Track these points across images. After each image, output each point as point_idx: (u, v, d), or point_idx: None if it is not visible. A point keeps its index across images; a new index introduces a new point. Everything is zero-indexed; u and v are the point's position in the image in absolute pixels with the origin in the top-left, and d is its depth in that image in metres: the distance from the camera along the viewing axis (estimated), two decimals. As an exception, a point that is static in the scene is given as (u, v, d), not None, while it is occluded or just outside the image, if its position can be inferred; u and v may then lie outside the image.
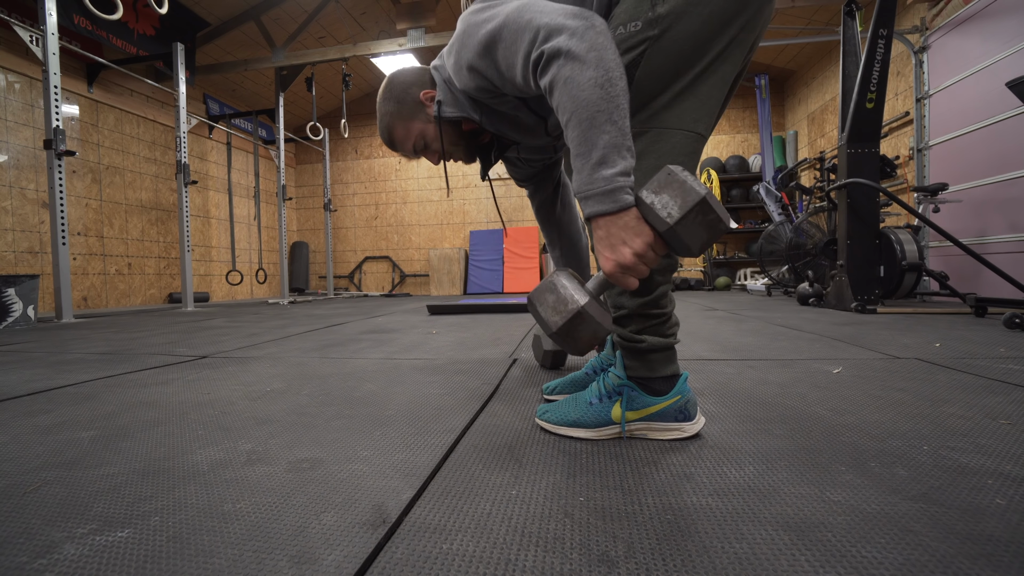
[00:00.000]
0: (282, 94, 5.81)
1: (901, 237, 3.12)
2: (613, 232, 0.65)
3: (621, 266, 0.65)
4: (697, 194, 0.60)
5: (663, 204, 0.62)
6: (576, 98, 0.65)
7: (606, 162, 0.64)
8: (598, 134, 0.64)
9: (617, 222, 0.65)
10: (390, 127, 1.00)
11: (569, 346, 0.67)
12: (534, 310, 0.69)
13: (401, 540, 0.51)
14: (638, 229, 0.64)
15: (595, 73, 0.64)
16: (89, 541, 0.51)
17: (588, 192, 0.66)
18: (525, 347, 1.81)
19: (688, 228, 0.62)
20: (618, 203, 0.64)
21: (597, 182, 0.65)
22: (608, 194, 0.64)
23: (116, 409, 1.04)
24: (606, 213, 0.65)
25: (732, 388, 1.13)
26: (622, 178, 0.64)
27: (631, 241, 0.64)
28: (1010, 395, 1.02)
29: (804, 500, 0.58)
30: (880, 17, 2.90)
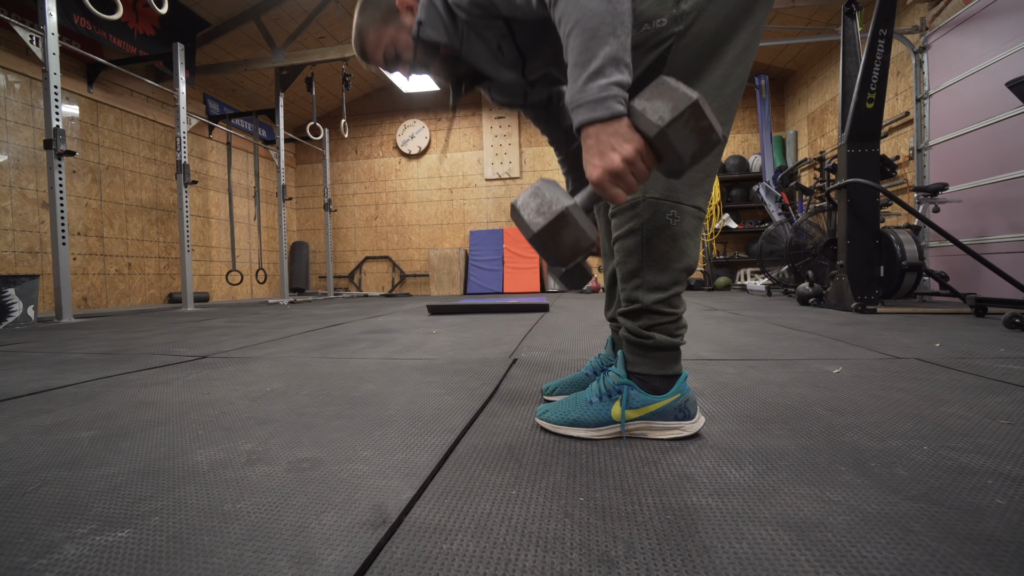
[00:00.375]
0: (282, 94, 5.80)
1: (901, 237, 3.12)
2: (603, 139, 0.64)
3: (609, 173, 0.63)
4: (689, 97, 0.59)
5: (654, 109, 0.61)
6: (583, 8, 0.64)
7: (602, 73, 0.63)
8: (599, 45, 0.63)
9: (607, 129, 0.64)
10: (362, 31, 0.94)
11: (551, 254, 0.66)
12: (517, 216, 0.67)
13: (401, 540, 0.51)
14: (628, 136, 0.63)
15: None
16: (89, 541, 0.51)
17: (580, 100, 0.65)
18: (525, 347, 1.81)
19: (679, 133, 0.60)
20: (609, 110, 0.63)
21: (590, 91, 0.64)
22: (600, 102, 0.63)
23: (116, 409, 1.04)
24: (596, 120, 0.64)
25: (732, 388, 1.13)
26: (616, 88, 0.63)
27: (620, 147, 0.63)
28: (1010, 395, 1.02)
29: (804, 500, 0.58)
30: (880, 17, 2.90)
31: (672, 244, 0.77)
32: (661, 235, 0.76)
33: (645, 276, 0.78)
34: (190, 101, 6.01)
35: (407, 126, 7.86)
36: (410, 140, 7.86)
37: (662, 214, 0.76)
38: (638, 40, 0.73)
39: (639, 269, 0.78)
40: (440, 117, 7.84)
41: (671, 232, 0.76)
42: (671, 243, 0.77)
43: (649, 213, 0.76)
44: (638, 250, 0.78)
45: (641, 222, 0.76)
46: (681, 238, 0.77)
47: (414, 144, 7.84)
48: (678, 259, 0.77)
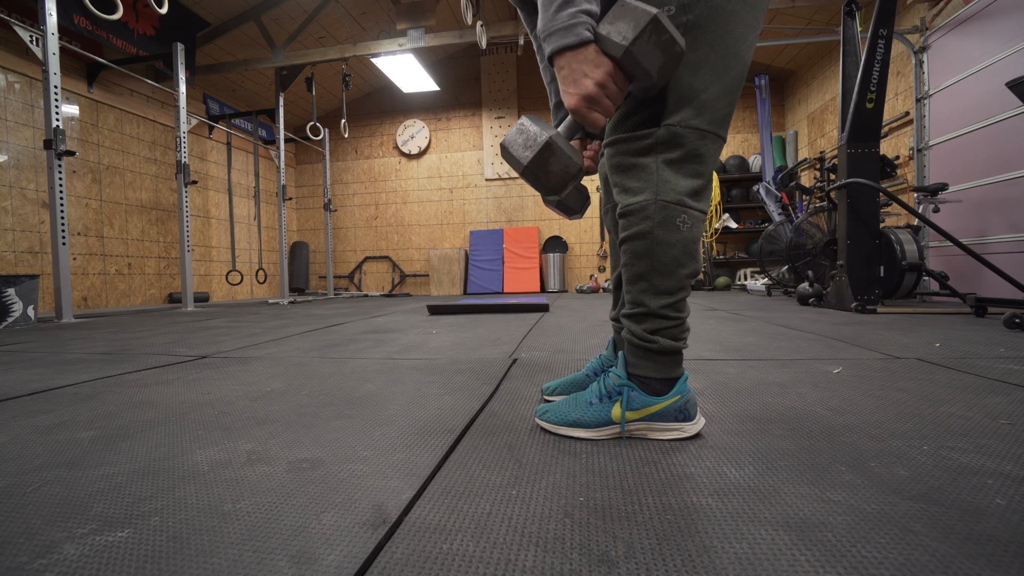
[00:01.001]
0: (282, 94, 5.80)
1: (901, 237, 3.12)
2: (574, 67, 0.67)
3: (585, 99, 0.67)
4: (648, 13, 0.62)
5: (617, 31, 0.64)
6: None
7: (572, 2, 0.66)
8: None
9: (577, 57, 0.67)
10: None
11: (542, 183, 0.69)
12: (507, 153, 0.70)
13: (401, 540, 0.51)
14: (597, 61, 0.66)
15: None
16: (89, 541, 0.51)
17: (551, 28, 0.67)
18: (525, 347, 1.81)
19: (643, 49, 0.64)
20: (578, 36, 0.66)
21: (561, 19, 0.66)
22: (568, 29, 0.66)
23: (116, 409, 1.04)
24: (566, 48, 0.67)
25: (732, 388, 1.13)
26: (584, 16, 0.66)
27: (592, 72, 0.66)
28: (1010, 395, 1.02)
29: (804, 500, 0.58)
30: (880, 17, 2.90)
31: (681, 249, 0.76)
32: (671, 239, 0.76)
33: (652, 280, 0.77)
34: (190, 101, 6.01)
35: (407, 126, 7.86)
36: (410, 140, 7.86)
37: (672, 218, 0.75)
38: None
39: (647, 273, 0.78)
40: (440, 117, 7.84)
41: (681, 236, 0.76)
42: (680, 248, 0.76)
43: (660, 216, 0.75)
44: (647, 253, 0.77)
45: (651, 225, 0.76)
46: (690, 243, 0.77)
47: (414, 144, 7.84)
48: (686, 264, 0.77)
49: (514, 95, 7.41)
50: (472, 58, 7.58)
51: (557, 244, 7.34)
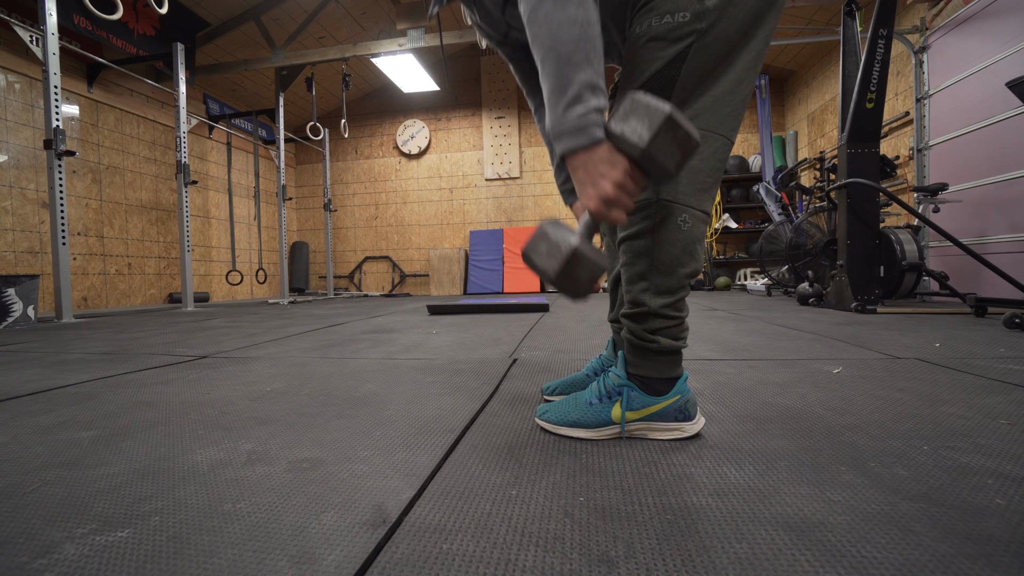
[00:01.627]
0: (282, 94, 5.80)
1: (901, 237, 3.12)
2: (589, 167, 0.66)
3: (604, 200, 0.65)
4: (662, 112, 0.61)
5: (632, 130, 0.63)
6: (556, 35, 0.64)
7: (580, 99, 0.64)
8: (574, 72, 0.64)
9: (592, 157, 0.65)
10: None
11: (571, 290, 0.68)
12: (530, 262, 0.70)
13: (401, 540, 0.51)
14: (612, 160, 0.65)
15: (576, 13, 0.64)
16: (89, 541, 0.51)
17: (561, 129, 0.66)
18: (525, 347, 1.81)
19: (660, 148, 0.62)
20: (590, 137, 0.65)
21: (571, 119, 0.65)
22: (580, 130, 0.65)
23: (116, 409, 1.04)
24: (579, 148, 0.66)
25: (732, 388, 1.13)
26: (595, 115, 0.65)
27: (608, 173, 0.65)
28: (1010, 395, 1.02)
29: (804, 500, 0.58)
30: (880, 17, 2.90)
31: (682, 248, 0.76)
32: (672, 238, 0.75)
33: (653, 279, 0.77)
34: (190, 101, 6.01)
35: (407, 126, 7.86)
36: (410, 140, 7.86)
37: (674, 217, 0.75)
38: (659, 32, 0.71)
39: (647, 272, 0.77)
40: (440, 117, 7.84)
41: (682, 236, 0.75)
42: (681, 247, 0.76)
43: (661, 216, 0.75)
44: (647, 253, 0.76)
45: (652, 224, 0.75)
46: (691, 242, 0.76)
47: (414, 144, 7.84)
48: (687, 263, 0.77)
49: (514, 95, 7.41)
50: (472, 58, 7.58)
51: (557, 244, 7.32)
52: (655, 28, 0.72)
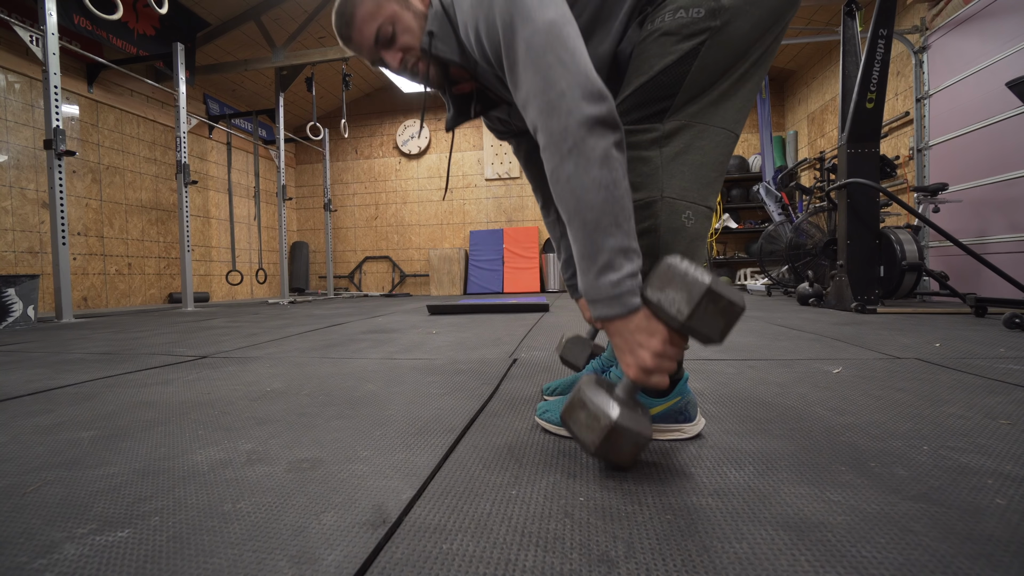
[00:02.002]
0: (282, 94, 5.80)
1: (901, 237, 3.12)
2: (627, 336, 0.65)
3: (644, 370, 0.64)
4: (701, 285, 0.58)
5: (670, 301, 0.60)
6: (580, 199, 0.63)
7: (612, 266, 0.63)
8: (604, 238, 0.63)
9: (628, 325, 0.64)
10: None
11: (613, 460, 0.65)
12: (569, 429, 0.67)
13: (401, 540, 0.51)
14: (651, 329, 0.63)
15: (600, 175, 0.62)
16: (89, 541, 0.51)
17: (595, 297, 0.65)
18: (525, 347, 1.81)
19: (702, 319, 0.59)
20: (626, 307, 0.64)
21: (604, 287, 0.64)
22: (616, 299, 0.64)
23: (116, 409, 1.04)
24: (615, 317, 0.65)
25: (732, 388, 1.13)
26: (628, 281, 0.63)
27: (647, 343, 0.63)
28: (1010, 395, 1.02)
29: (804, 500, 0.58)
30: (880, 17, 2.90)
31: (687, 246, 0.75)
32: (677, 237, 0.74)
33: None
34: (190, 101, 6.01)
35: (407, 126, 7.86)
36: (410, 140, 7.86)
37: (678, 215, 0.73)
38: (672, 27, 0.70)
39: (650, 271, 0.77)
40: (440, 117, 7.84)
41: (687, 233, 0.74)
42: (686, 245, 0.74)
43: (665, 214, 0.73)
44: (652, 252, 0.75)
45: (657, 223, 0.73)
46: (695, 240, 0.75)
47: (414, 144, 7.84)
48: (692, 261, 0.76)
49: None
50: (472, 58, 7.57)
51: (557, 244, 7.33)
52: (668, 23, 0.71)
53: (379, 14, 0.80)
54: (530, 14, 0.65)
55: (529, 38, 0.64)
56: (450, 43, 0.79)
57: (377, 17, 0.80)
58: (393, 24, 0.80)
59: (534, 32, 0.64)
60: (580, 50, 0.65)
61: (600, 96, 0.63)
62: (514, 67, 0.67)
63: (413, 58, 0.82)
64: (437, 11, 0.79)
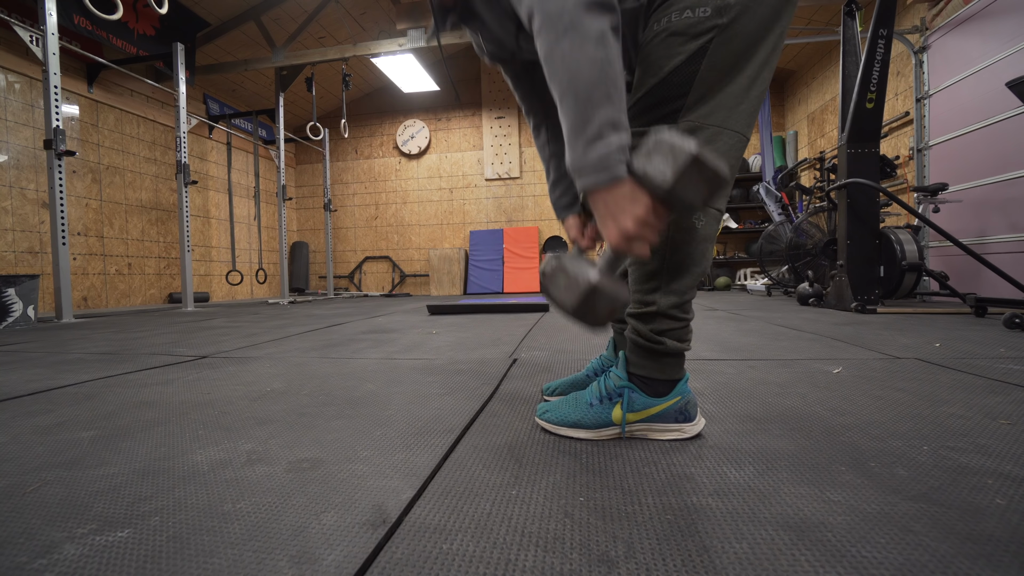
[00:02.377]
0: (282, 94, 5.80)
1: (901, 237, 3.12)
2: (611, 204, 0.65)
3: (626, 236, 0.64)
4: (687, 153, 0.59)
5: (656, 169, 0.61)
6: (574, 76, 0.63)
7: (601, 136, 0.63)
8: (594, 110, 0.63)
9: (614, 193, 0.64)
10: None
11: (589, 321, 0.67)
12: (548, 295, 0.69)
13: (401, 540, 0.51)
14: (634, 196, 0.64)
15: (595, 52, 0.62)
16: (89, 541, 0.51)
17: (583, 166, 0.65)
18: (525, 347, 1.81)
19: (685, 187, 0.61)
20: (612, 174, 0.64)
21: (592, 157, 0.64)
22: (603, 167, 0.64)
23: (116, 409, 1.04)
24: (601, 186, 0.64)
25: (732, 388, 1.13)
26: (617, 152, 0.64)
27: (631, 208, 0.64)
28: (1010, 395, 1.02)
29: (804, 500, 0.58)
30: (880, 17, 2.90)
31: (696, 247, 0.75)
32: (686, 237, 0.74)
33: (664, 279, 0.76)
34: (190, 101, 6.01)
35: (407, 126, 7.86)
36: (410, 140, 7.86)
37: (690, 215, 0.74)
38: (679, 27, 0.71)
39: (658, 271, 0.76)
40: (440, 117, 7.84)
41: (696, 234, 0.74)
42: (695, 246, 0.75)
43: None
44: (660, 251, 0.75)
45: (668, 223, 0.73)
46: (704, 241, 0.75)
47: (414, 144, 7.84)
48: (699, 262, 0.76)
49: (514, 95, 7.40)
50: (472, 58, 7.58)
51: (557, 244, 7.34)
52: (675, 23, 0.71)
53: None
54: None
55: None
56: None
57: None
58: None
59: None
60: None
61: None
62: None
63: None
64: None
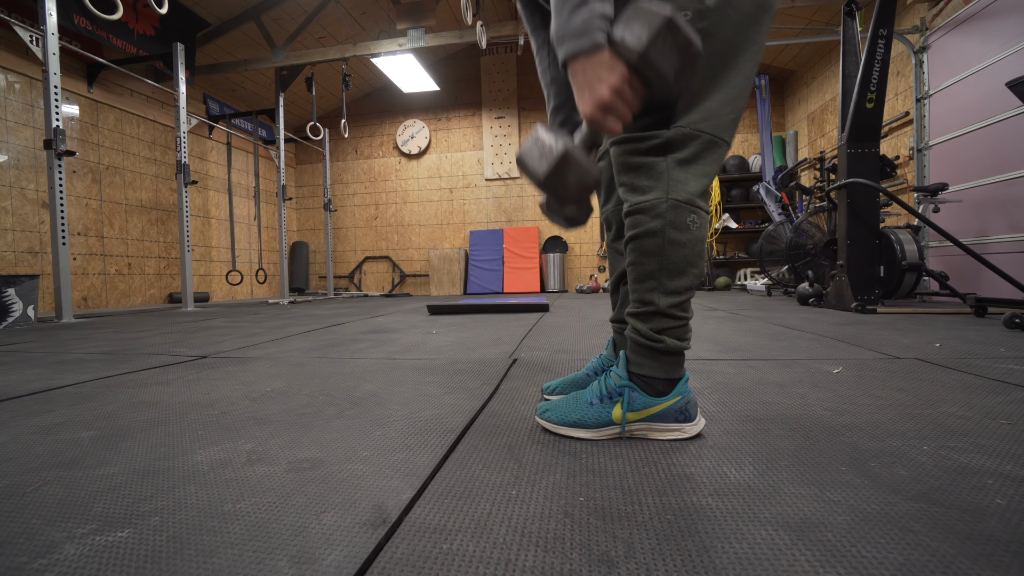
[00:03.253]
0: (282, 94, 5.80)
1: (901, 237, 3.12)
2: (588, 72, 0.65)
3: (600, 105, 0.65)
4: (661, 15, 0.60)
5: (632, 33, 0.62)
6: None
7: (585, 3, 0.64)
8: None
9: (592, 61, 0.65)
10: None
11: (559, 195, 0.68)
12: (523, 166, 0.69)
13: (401, 540, 0.51)
14: (612, 65, 0.64)
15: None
16: (89, 541, 0.51)
17: (564, 33, 0.66)
18: (525, 347, 1.81)
19: (659, 52, 0.61)
20: (592, 41, 0.64)
21: (574, 22, 0.65)
22: (583, 33, 0.64)
23: (116, 409, 1.04)
24: (580, 52, 0.65)
25: (732, 388, 1.13)
26: (598, 20, 0.65)
27: (606, 77, 0.64)
28: (1010, 395, 1.02)
29: (804, 500, 0.58)
30: (880, 17, 2.90)
31: (691, 248, 0.77)
32: (682, 238, 0.76)
33: (662, 279, 0.77)
34: (190, 101, 6.01)
35: (407, 126, 7.86)
36: (410, 140, 7.86)
37: (683, 217, 0.75)
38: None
39: (656, 271, 0.78)
40: (440, 117, 7.84)
41: (691, 236, 0.76)
42: (690, 247, 0.77)
43: (671, 215, 0.75)
44: (657, 252, 0.76)
45: (663, 224, 0.75)
46: (698, 243, 0.77)
47: (414, 144, 7.84)
48: (695, 263, 0.78)
49: (514, 95, 7.41)
50: (472, 58, 7.58)
51: (557, 244, 7.34)
52: None
53: None
54: None
55: None
56: None
57: None
58: None
59: None
60: None
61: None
62: None
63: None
64: None
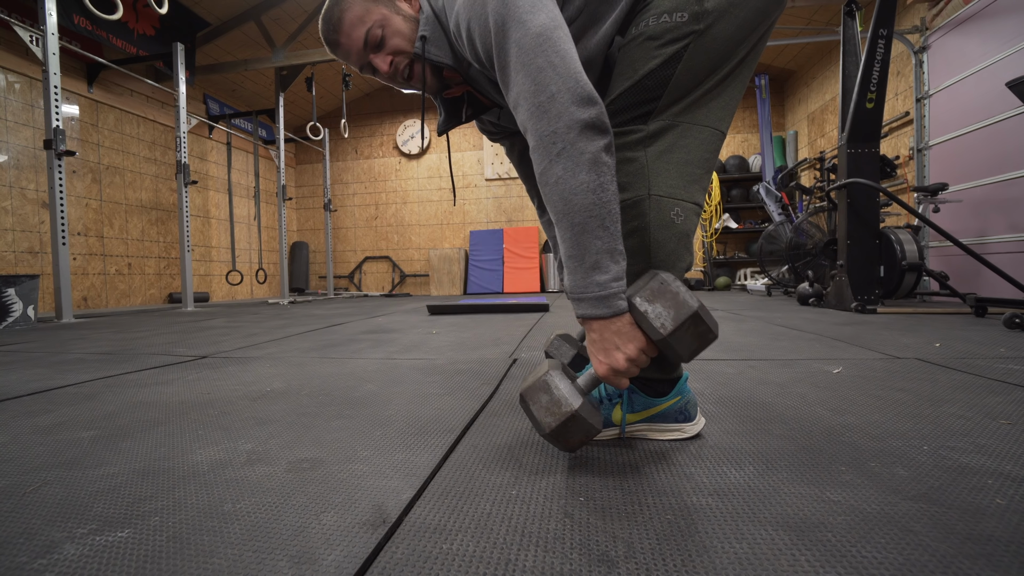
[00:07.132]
0: (282, 94, 5.80)
1: (901, 237, 3.12)
2: (606, 336, 0.66)
3: (614, 370, 0.66)
4: (690, 308, 0.62)
5: (656, 314, 0.63)
6: (568, 202, 0.64)
7: (599, 267, 0.64)
8: (591, 239, 0.64)
9: (610, 327, 0.66)
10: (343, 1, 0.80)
11: (560, 445, 0.68)
12: (526, 407, 0.68)
13: (401, 540, 0.51)
14: (631, 335, 0.65)
15: (588, 178, 0.63)
16: (89, 541, 0.51)
17: (582, 296, 0.66)
18: (525, 347, 1.81)
19: (681, 339, 0.63)
20: (612, 308, 0.65)
21: (591, 287, 0.65)
22: (602, 300, 0.65)
23: (116, 409, 1.04)
24: (600, 317, 0.66)
25: (732, 388, 1.13)
26: (615, 284, 0.65)
27: (624, 346, 0.65)
28: (1010, 395, 1.02)
29: (804, 500, 0.58)
30: (880, 17, 2.90)
31: (677, 243, 0.75)
32: (667, 234, 0.74)
33: None
34: (190, 101, 6.01)
35: (407, 126, 7.87)
36: (410, 140, 7.86)
37: (667, 212, 0.73)
38: (656, 31, 0.71)
39: (644, 272, 0.76)
40: (440, 117, 7.83)
41: (676, 230, 0.74)
42: (676, 242, 0.74)
43: (654, 211, 0.73)
44: (643, 251, 0.74)
45: (646, 221, 0.73)
46: (685, 235, 0.75)
47: (414, 144, 7.84)
48: (683, 258, 0.76)
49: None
50: (472, 58, 7.58)
51: (557, 244, 7.34)
52: (652, 27, 0.72)
53: (368, 18, 0.81)
54: (522, 17, 0.66)
55: (520, 40, 0.65)
56: (443, 47, 0.81)
57: (366, 21, 0.81)
58: (383, 27, 0.81)
59: (525, 34, 0.65)
60: (571, 54, 0.65)
61: (590, 100, 0.64)
62: (505, 69, 0.68)
63: (404, 60, 0.84)
64: (428, 16, 0.81)
